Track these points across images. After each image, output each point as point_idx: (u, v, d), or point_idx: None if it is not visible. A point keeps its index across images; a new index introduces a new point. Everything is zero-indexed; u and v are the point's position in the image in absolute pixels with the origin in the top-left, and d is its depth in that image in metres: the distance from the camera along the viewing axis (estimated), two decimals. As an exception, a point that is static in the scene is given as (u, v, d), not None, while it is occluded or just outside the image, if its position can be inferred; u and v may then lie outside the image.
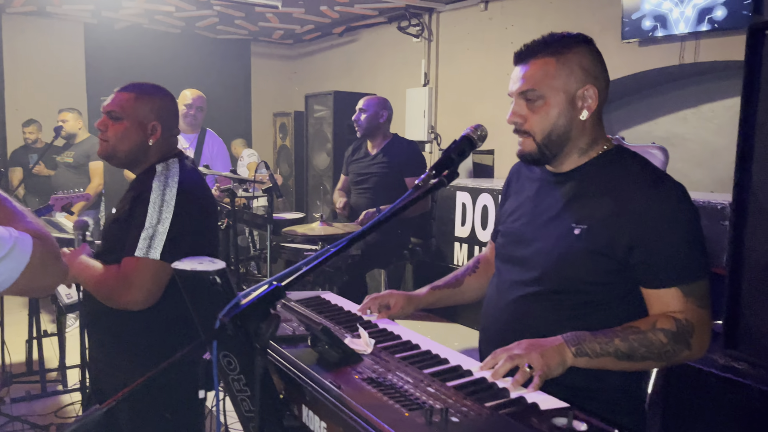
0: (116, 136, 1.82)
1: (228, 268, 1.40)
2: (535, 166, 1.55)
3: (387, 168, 3.66)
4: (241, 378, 1.17)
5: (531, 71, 1.40)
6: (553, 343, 1.29)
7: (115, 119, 1.82)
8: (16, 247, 1.07)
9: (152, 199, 1.72)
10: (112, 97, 1.85)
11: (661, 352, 1.31)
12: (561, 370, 1.27)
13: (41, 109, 6.53)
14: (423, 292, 1.72)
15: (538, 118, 1.41)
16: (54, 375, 3.87)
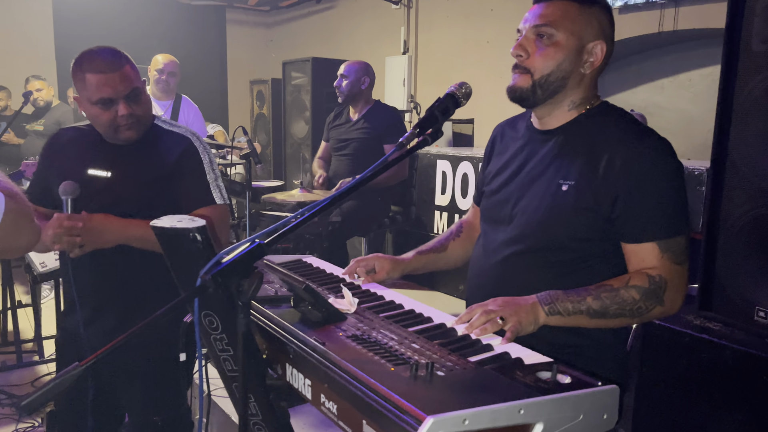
0: (143, 110, 1.80)
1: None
2: (521, 123, 1.55)
3: (368, 134, 3.63)
4: (223, 337, 1.15)
5: (551, 9, 1.40)
6: (527, 301, 1.30)
7: (137, 95, 1.77)
8: None
9: (201, 152, 1.86)
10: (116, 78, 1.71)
11: (633, 309, 1.33)
12: (533, 328, 1.28)
13: (9, 77, 6.32)
14: (409, 256, 1.71)
15: (542, 57, 1.39)
16: (30, 346, 3.83)
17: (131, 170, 1.80)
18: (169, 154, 1.82)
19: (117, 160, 1.82)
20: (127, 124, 1.76)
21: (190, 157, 1.84)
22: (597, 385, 0.98)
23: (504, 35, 5.28)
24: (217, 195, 1.85)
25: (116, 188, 1.79)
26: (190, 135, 1.89)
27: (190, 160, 1.83)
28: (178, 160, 1.82)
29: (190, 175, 1.83)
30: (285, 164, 5.51)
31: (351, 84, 3.64)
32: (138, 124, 1.79)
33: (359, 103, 3.71)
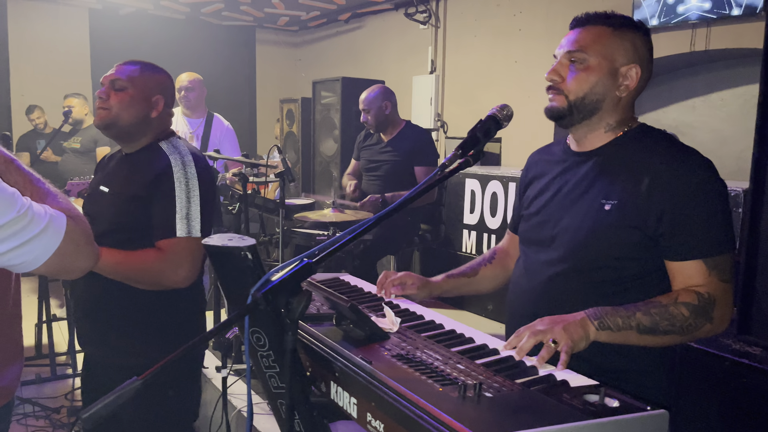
0: (120, 105, 1.79)
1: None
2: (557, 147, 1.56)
3: (398, 156, 3.65)
4: (270, 354, 1.17)
5: (584, 35, 1.44)
6: (576, 317, 1.29)
7: (119, 89, 1.80)
8: (51, 224, 1.07)
9: (176, 178, 1.74)
10: (116, 68, 1.85)
11: (684, 326, 1.32)
12: (584, 344, 1.27)
13: (47, 95, 6.51)
14: (439, 279, 1.73)
15: (575, 81, 1.43)
16: (63, 359, 3.90)
17: (120, 188, 1.82)
18: (146, 174, 1.78)
19: (116, 177, 1.86)
20: (98, 108, 1.81)
21: (164, 181, 1.75)
22: (646, 410, 0.98)
23: (532, 55, 5.30)
24: (182, 226, 1.73)
25: (106, 205, 1.83)
26: (176, 157, 1.79)
27: (162, 184, 1.74)
28: (152, 182, 1.75)
29: (159, 200, 1.74)
30: (313, 182, 5.56)
31: (375, 115, 3.68)
32: (107, 113, 1.79)
33: (388, 128, 3.74)
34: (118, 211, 1.79)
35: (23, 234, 1.04)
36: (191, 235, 1.73)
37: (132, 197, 1.77)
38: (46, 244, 1.07)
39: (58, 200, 1.17)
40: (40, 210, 1.07)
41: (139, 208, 1.76)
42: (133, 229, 1.76)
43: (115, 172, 1.88)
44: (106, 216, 1.80)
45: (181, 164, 1.78)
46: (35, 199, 1.12)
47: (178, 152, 1.81)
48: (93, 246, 1.18)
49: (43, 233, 1.07)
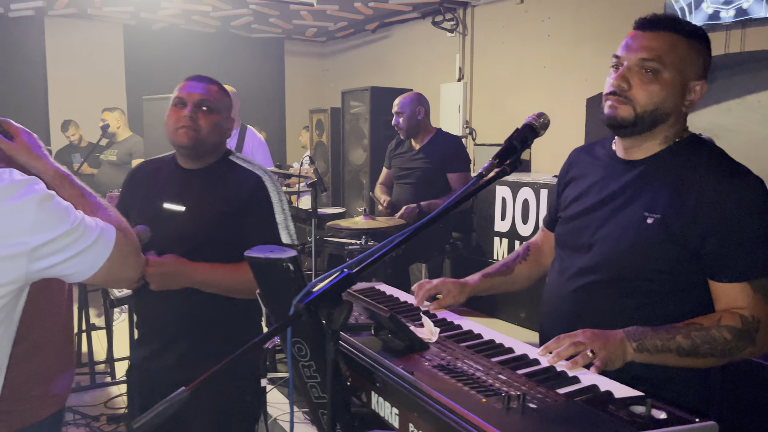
0: (209, 128, 1.81)
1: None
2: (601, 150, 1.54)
3: (430, 164, 3.65)
4: (311, 364, 1.18)
5: (659, 42, 1.35)
6: (616, 336, 1.28)
7: (207, 110, 1.81)
8: (101, 236, 1.11)
9: (271, 191, 1.85)
10: (196, 86, 1.82)
11: (725, 349, 1.29)
12: (620, 363, 1.26)
13: (83, 109, 6.70)
14: (475, 279, 1.71)
15: (647, 91, 1.36)
16: (102, 367, 3.98)
17: (202, 205, 1.83)
18: (240, 191, 1.82)
19: (189, 194, 1.85)
20: (185, 127, 1.79)
21: (260, 196, 1.82)
22: (695, 421, 0.96)
23: (561, 60, 5.26)
24: (285, 235, 1.83)
25: (187, 223, 1.83)
26: (262, 172, 1.88)
27: (260, 199, 1.82)
28: (249, 198, 1.81)
29: (259, 214, 1.81)
30: (343, 191, 5.59)
31: (408, 119, 3.68)
32: (197, 133, 1.79)
33: (420, 134, 3.74)
34: (208, 228, 1.80)
35: (76, 245, 1.09)
36: (293, 242, 1.85)
37: (226, 213, 1.80)
38: (97, 254, 1.12)
39: (108, 213, 1.21)
40: (91, 222, 1.12)
41: (233, 223, 1.80)
42: (227, 244, 1.79)
43: (185, 189, 1.86)
44: (188, 234, 1.81)
45: (269, 178, 1.86)
46: (87, 212, 1.16)
47: (259, 167, 1.89)
48: (140, 257, 1.22)
49: (95, 244, 1.11)
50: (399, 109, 3.71)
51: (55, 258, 1.07)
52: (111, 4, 6.20)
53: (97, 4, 6.19)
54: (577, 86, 5.04)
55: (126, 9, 6.41)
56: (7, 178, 1.04)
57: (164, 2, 6.04)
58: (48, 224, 1.05)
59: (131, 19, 6.98)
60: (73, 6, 6.38)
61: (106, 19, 7.03)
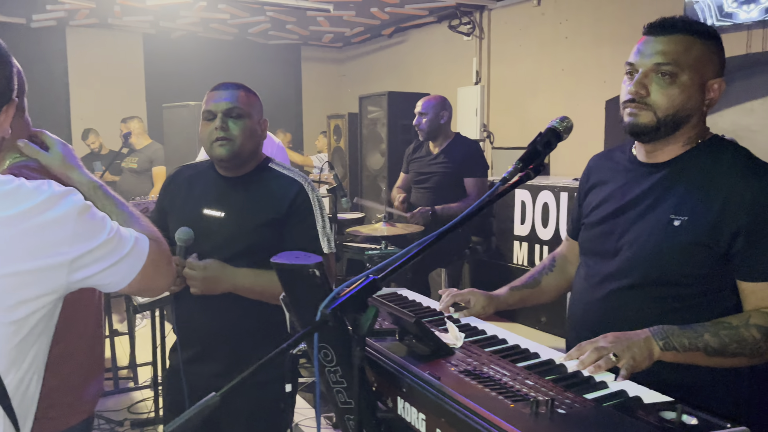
0: (244, 135, 1.79)
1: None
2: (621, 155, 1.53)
3: (448, 168, 3.65)
4: (337, 370, 1.19)
5: (673, 46, 1.34)
6: (640, 336, 1.26)
7: (237, 117, 1.79)
8: (135, 246, 1.13)
9: (311, 199, 1.85)
10: (222, 95, 1.80)
11: (754, 348, 1.27)
12: (648, 363, 1.24)
13: (104, 117, 6.80)
14: (503, 292, 1.71)
15: (666, 95, 1.34)
16: (125, 372, 4.02)
17: (243, 212, 1.83)
18: (281, 198, 1.81)
19: (230, 201, 1.85)
20: (219, 139, 1.77)
21: (302, 204, 1.82)
22: (726, 427, 0.95)
23: (579, 63, 5.23)
24: (325, 244, 1.83)
25: (228, 229, 1.82)
26: (303, 180, 1.87)
27: (301, 207, 1.82)
28: (290, 206, 1.81)
29: (300, 222, 1.81)
30: (361, 196, 5.61)
31: (430, 121, 3.67)
32: (232, 143, 1.78)
33: (439, 138, 3.74)
34: (249, 234, 1.81)
35: (112, 255, 1.11)
36: (332, 251, 1.87)
37: (269, 221, 1.81)
38: (131, 265, 1.14)
39: (141, 223, 1.24)
40: (126, 233, 1.14)
41: (274, 230, 1.81)
42: (267, 250, 1.73)
43: (225, 196, 1.87)
44: (229, 240, 1.81)
45: (309, 185, 1.87)
46: (120, 223, 1.18)
47: (299, 174, 1.89)
48: (171, 266, 1.24)
49: (129, 255, 1.13)
50: (423, 110, 3.71)
51: (92, 268, 1.09)
52: (131, 14, 6.30)
53: (118, 13, 6.29)
54: (596, 88, 5.01)
55: (145, 18, 6.50)
56: (47, 190, 1.05)
57: (183, 11, 6.11)
58: (87, 235, 1.07)
59: (150, 28, 7.07)
60: (94, 16, 6.48)
61: (126, 29, 7.14)
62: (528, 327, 3.97)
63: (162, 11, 6.12)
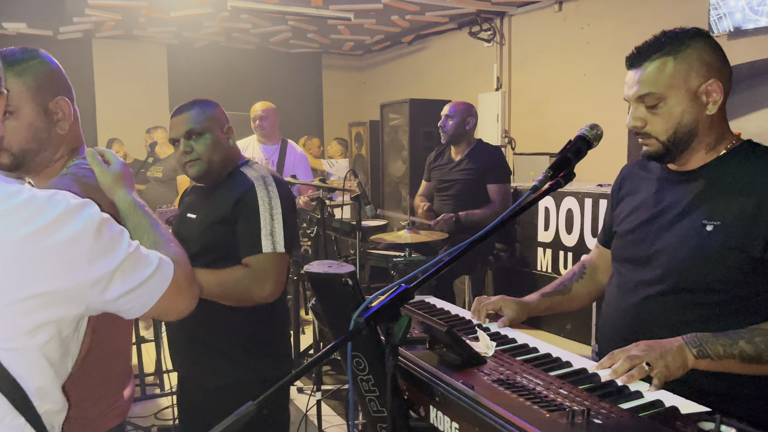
0: (208, 150, 1.86)
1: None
2: (654, 163, 1.53)
3: (471, 174, 3.64)
4: (370, 378, 1.20)
5: (647, 74, 1.38)
6: (673, 344, 1.25)
7: (198, 136, 1.86)
8: (159, 268, 1.09)
9: (260, 197, 1.83)
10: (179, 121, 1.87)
11: None
12: (681, 372, 1.23)
13: (129, 127, 6.91)
14: (534, 298, 1.70)
15: (659, 120, 1.39)
16: (151, 379, 4.06)
17: (204, 212, 1.91)
18: (230, 198, 1.85)
19: (200, 203, 1.96)
20: (188, 161, 1.87)
21: (248, 202, 1.83)
22: (767, 438, 0.94)
23: (601, 68, 5.20)
24: (267, 243, 1.81)
25: (193, 230, 1.91)
26: (259, 179, 1.87)
27: (247, 205, 1.83)
28: (236, 204, 1.83)
29: (244, 220, 1.82)
30: (383, 203, 5.62)
31: (456, 125, 3.67)
32: (199, 162, 1.86)
33: (462, 144, 3.73)
34: (204, 234, 1.88)
35: (135, 275, 1.05)
36: (276, 250, 1.81)
37: (219, 220, 1.86)
38: (155, 288, 1.09)
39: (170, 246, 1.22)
40: (149, 254, 1.10)
41: (225, 229, 1.85)
42: (219, 250, 1.86)
43: (201, 199, 1.98)
44: (194, 239, 1.89)
45: (263, 184, 1.86)
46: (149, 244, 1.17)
47: (260, 174, 1.90)
48: (194, 287, 1.20)
49: (153, 277, 1.08)
50: (450, 112, 3.70)
51: (115, 289, 1.03)
52: (156, 25, 6.40)
53: (143, 25, 6.39)
54: (619, 93, 4.90)
55: (169, 29, 6.60)
56: (62, 201, 0.98)
57: (206, 21, 6.19)
58: (105, 251, 1.01)
59: (174, 38, 7.18)
60: (119, 28, 6.60)
61: (150, 40, 7.25)
62: (553, 334, 3.93)
63: (186, 22, 6.21)
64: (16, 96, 1.29)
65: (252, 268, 1.78)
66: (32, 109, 1.32)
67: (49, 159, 1.38)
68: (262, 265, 1.78)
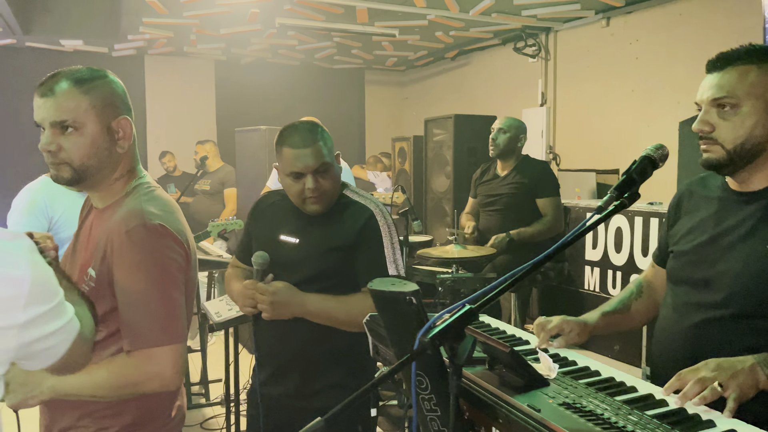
0: (331, 188, 1.85)
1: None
2: (714, 182, 1.50)
3: (519, 189, 3.62)
4: (432, 398, 1.19)
5: (727, 78, 1.36)
6: (745, 363, 1.22)
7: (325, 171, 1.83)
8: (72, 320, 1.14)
9: (381, 225, 1.87)
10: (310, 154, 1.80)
11: None
12: (753, 393, 1.19)
13: (177, 140, 7.10)
14: (594, 317, 1.68)
15: (729, 127, 1.36)
16: (196, 388, 4.13)
17: (316, 238, 1.88)
18: (352, 225, 1.86)
19: (305, 228, 1.91)
20: (313, 197, 1.83)
21: (371, 230, 1.85)
22: None
23: (650, 83, 5.11)
24: (392, 270, 1.85)
25: (300, 255, 1.88)
26: (374, 206, 1.90)
27: (370, 233, 1.85)
28: (360, 232, 1.85)
29: (368, 248, 1.84)
30: (426, 218, 5.62)
31: (509, 139, 3.65)
32: (324, 197, 1.84)
33: (510, 159, 3.72)
34: (318, 260, 1.86)
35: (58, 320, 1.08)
36: (401, 276, 1.86)
37: (337, 247, 1.85)
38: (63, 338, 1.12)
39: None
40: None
41: (344, 256, 1.85)
42: (337, 276, 1.86)
43: (301, 223, 1.92)
44: (303, 265, 1.87)
45: (381, 212, 1.90)
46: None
47: (372, 201, 1.92)
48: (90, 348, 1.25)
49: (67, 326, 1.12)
50: (505, 126, 3.68)
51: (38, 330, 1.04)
52: (205, 42, 6.57)
53: (193, 42, 6.58)
54: (669, 109, 4.87)
55: (218, 46, 6.77)
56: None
57: (254, 38, 6.34)
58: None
59: (222, 54, 7.36)
60: (171, 45, 6.80)
61: (199, 56, 7.45)
62: (600, 355, 3.84)
63: (234, 39, 6.37)
64: (82, 113, 1.35)
65: None
66: (96, 127, 1.37)
67: (107, 177, 1.43)
68: None
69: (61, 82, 1.35)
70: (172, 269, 1.37)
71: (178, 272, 1.39)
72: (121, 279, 1.34)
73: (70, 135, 1.35)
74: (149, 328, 1.32)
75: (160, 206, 1.41)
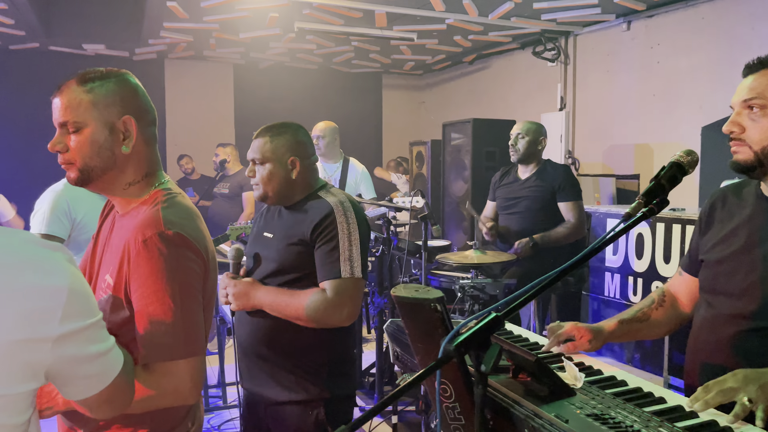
0: (265, 179, 1.97)
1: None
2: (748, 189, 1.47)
3: (539, 191, 3.59)
4: (456, 406, 1.18)
5: (759, 81, 1.37)
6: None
7: (260, 164, 1.98)
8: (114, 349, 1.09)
9: (339, 222, 1.88)
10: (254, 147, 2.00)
11: None
12: None
13: (196, 144, 7.16)
14: (611, 325, 1.65)
15: (759, 129, 1.35)
16: (214, 391, 4.14)
17: (281, 233, 1.98)
18: (311, 221, 1.91)
19: (277, 224, 2.02)
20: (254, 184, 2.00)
21: (327, 226, 1.88)
22: None
23: (671, 88, 5.05)
24: (346, 267, 1.85)
25: (271, 249, 1.98)
26: (338, 204, 1.92)
27: (325, 229, 1.88)
28: (315, 228, 1.89)
29: (323, 245, 1.87)
30: (444, 223, 5.59)
31: (529, 143, 3.62)
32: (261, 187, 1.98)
33: (531, 163, 3.69)
34: (282, 253, 1.94)
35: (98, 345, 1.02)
36: (354, 275, 1.85)
37: (297, 242, 1.92)
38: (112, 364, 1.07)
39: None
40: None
41: (303, 251, 1.90)
42: (296, 270, 1.91)
43: (278, 220, 2.04)
44: (272, 258, 1.96)
45: (342, 210, 1.91)
46: None
47: (338, 199, 1.95)
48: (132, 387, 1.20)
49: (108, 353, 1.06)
50: (523, 131, 3.65)
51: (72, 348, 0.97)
52: (224, 46, 6.62)
53: (213, 46, 6.62)
54: (691, 114, 4.81)
55: (237, 50, 6.82)
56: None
57: (272, 42, 6.37)
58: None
59: (241, 58, 7.41)
60: (191, 49, 6.86)
61: (218, 60, 7.51)
62: (619, 362, 3.79)
63: (253, 43, 6.40)
64: (82, 112, 1.31)
65: (331, 292, 1.83)
66: (96, 126, 1.32)
67: (116, 179, 1.38)
68: (341, 290, 1.83)
69: (69, 82, 1.33)
70: (189, 279, 1.33)
71: (196, 282, 1.35)
72: (137, 289, 1.30)
73: (73, 135, 1.32)
74: (166, 341, 1.28)
75: (178, 214, 1.37)
